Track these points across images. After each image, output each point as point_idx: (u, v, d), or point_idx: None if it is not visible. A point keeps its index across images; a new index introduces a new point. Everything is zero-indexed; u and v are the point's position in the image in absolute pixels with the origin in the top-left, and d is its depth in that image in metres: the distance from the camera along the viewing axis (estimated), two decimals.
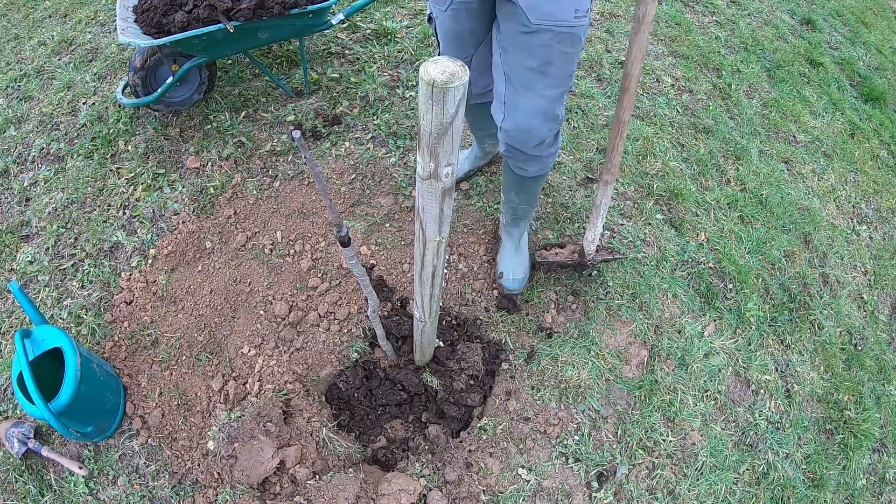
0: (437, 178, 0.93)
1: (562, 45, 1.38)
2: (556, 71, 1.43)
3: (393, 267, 2.11)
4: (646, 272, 2.16)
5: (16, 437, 1.68)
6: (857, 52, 3.64)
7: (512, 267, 2.03)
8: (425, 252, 1.16)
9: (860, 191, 2.78)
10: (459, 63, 0.79)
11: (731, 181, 2.59)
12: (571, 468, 1.74)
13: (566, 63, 1.44)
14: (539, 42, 1.37)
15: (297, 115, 2.53)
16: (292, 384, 1.83)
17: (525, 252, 2.06)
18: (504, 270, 2.02)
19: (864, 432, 1.99)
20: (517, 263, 2.03)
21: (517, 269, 2.02)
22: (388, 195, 2.29)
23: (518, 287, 2.01)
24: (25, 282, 2.06)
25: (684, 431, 1.85)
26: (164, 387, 1.83)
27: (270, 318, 1.96)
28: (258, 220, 2.21)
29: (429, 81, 0.76)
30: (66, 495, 1.67)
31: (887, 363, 2.23)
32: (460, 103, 0.80)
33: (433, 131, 0.83)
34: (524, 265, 2.04)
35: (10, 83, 2.71)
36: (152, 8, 2.13)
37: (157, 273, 2.07)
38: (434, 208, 1.01)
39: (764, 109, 2.99)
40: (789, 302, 2.25)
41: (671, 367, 1.96)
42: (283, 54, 2.78)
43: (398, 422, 1.87)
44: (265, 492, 1.63)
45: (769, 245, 2.38)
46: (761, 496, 1.79)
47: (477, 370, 1.87)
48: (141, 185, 2.29)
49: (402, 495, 1.56)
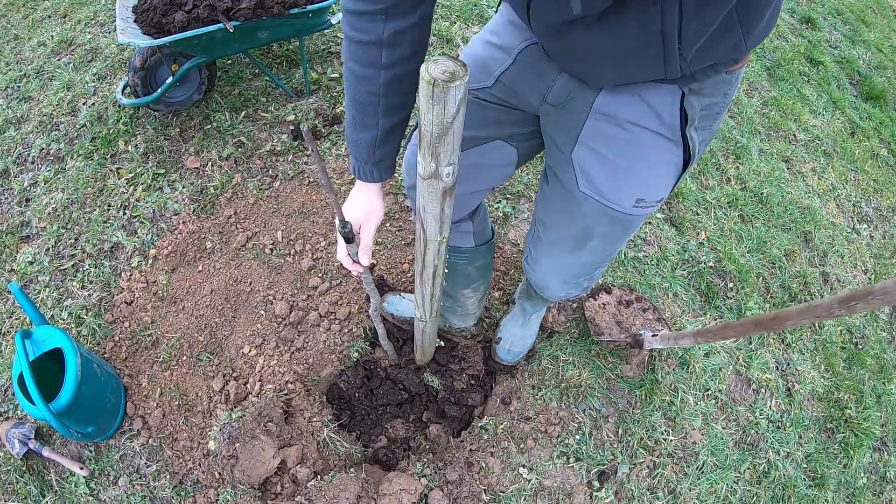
0: (439, 178, 0.92)
1: (609, 228, 1.12)
2: (595, 247, 1.19)
3: (393, 266, 2.11)
4: (646, 271, 2.16)
5: (17, 438, 1.68)
6: (857, 50, 3.64)
7: (512, 338, 1.85)
8: (426, 252, 1.15)
9: (860, 189, 2.78)
10: (460, 62, 0.78)
11: (732, 180, 2.59)
12: (572, 467, 1.74)
13: (608, 245, 1.19)
14: (582, 212, 1.11)
15: (297, 115, 2.53)
16: (293, 384, 1.83)
17: (533, 328, 1.87)
18: (503, 337, 1.86)
19: (864, 431, 1.99)
20: (520, 336, 1.85)
21: (517, 342, 1.85)
22: (388, 195, 2.29)
23: (512, 360, 1.85)
24: (26, 282, 2.06)
25: (685, 430, 1.85)
26: (164, 387, 1.83)
27: (271, 318, 1.96)
28: (258, 220, 2.21)
29: (429, 81, 0.75)
30: (67, 496, 1.67)
31: (888, 362, 2.23)
32: (461, 103, 0.79)
33: (434, 131, 0.82)
34: (527, 340, 1.87)
35: (10, 83, 2.71)
36: (152, 8, 2.13)
37: (157, 273, 2.07)
38: (435, 208, 1.00)
39: (764, 108, 2.99)
40: (790, 301, 2.25)
41: (672, 366, 1.96)
42: (283, 54, 2.78)
43: (399, 421, 1.87)
44: (266, 492, 1.63)
45: (769, 244, 2.38)
46: (762, 495, 1.79)
47: (477, 370, 1.87)
48: (141, 185, 2.29)
49: (404, 495, 1.56)
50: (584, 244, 1.19)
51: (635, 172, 1.01)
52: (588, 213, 1.10)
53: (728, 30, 0.80)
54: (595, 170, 1.03)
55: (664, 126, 0.95)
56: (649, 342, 1.76)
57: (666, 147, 0.98)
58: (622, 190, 1.03)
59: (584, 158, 1.03)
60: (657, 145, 0.97)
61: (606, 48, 0.83)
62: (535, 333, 1.89)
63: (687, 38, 0.78)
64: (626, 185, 1.02)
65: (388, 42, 0.88)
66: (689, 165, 1.01)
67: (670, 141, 0.97)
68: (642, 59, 0.83)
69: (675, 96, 0.92)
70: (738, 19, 0.79)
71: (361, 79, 0.92)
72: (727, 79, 0.92)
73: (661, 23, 0.76)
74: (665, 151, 0.98)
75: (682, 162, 1.00)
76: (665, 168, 1.01)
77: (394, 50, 0.89)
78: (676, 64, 0.82)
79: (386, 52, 0.88)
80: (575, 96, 0.99)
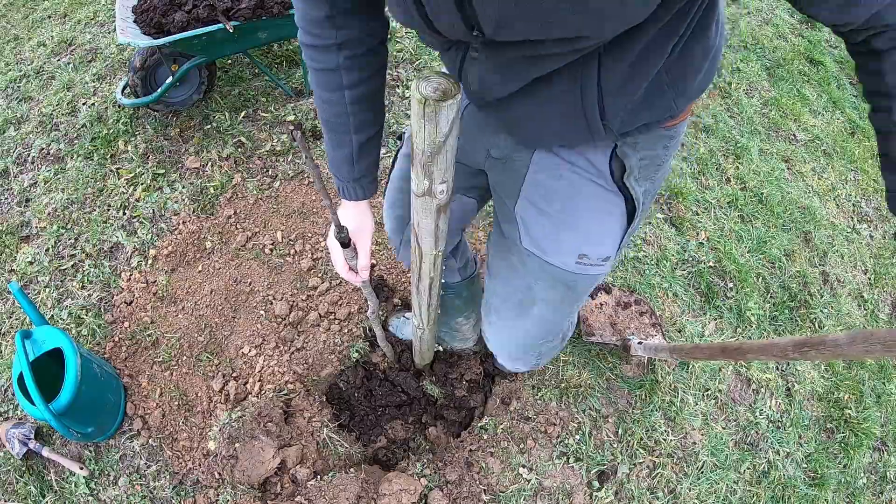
0: (433, 196, 0.90)
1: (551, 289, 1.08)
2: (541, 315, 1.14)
3: (393, 266, 2.11)
4: (646, 271, 2.16)
5: (17, 438, 1.68)
6: None
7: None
8: (422, 264, 1.14)
9: (860, 189, 2.78)
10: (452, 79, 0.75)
11: (732, 180, 2.59)
12: (572, 467, 1.74)
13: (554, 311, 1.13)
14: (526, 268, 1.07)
15: (297, 114, 2.53)
16: (293, 384, 1.83)
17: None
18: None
19: (864, 431, 1.99)
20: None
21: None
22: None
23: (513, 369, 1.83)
24: (25, 282, 2.06)
25: (685, 431, 1.85)
26: (164, 387, 1.83)
27: (271, 318, 1.96)
28: (258, 220, 2.21)
29: (420, 100, 0.73)
30: (67, 496, 1.67)
31: (888, 362, 2.22)
32: (454, 122, 0.76)
33: (426, 150, 0.80)
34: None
35: (10, 84, 2.71)
36: (152, 8, 2.13)
37: (157, 273, 2.07)
38: (429, 224, 0.98)
39: (764, 108, 2.99)
40: (790, 301, 2.25)
41: (672, 366, 1.96)
42: (283, 54, 2.78)
43: (398, 422, 1.87)
44: (266, 492, 1.63)
45: (769, 244, 2.38)
46: (762, 495, 1.79)
47: (476, 372, 1.87)
48: (141, 186, 2.29)
49: (403, 495, 1.56)
50: (528, 309, 1.15)
51: (575, 224, 0.97)
52: (530, 270, 1.07)
53: (657, 94, 0.78)
54: (536, 225, 1.01)
55: (599, 175, 0.94)
56: (635, 349, 1.79)
57: (605, 197, 0.95)
58: (562, 243, 0.99)
59: (526, 212, 1.02)
60: (596, 195, 0.95)
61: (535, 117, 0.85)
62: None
63: (610, 110, 0.78)
64: (566, 239, 0.99)
65: (345, 66, 0.90)
66: (636, 217, 0.97)
67: (606, 190, 0.95)
68: (568, 127, 0.84)
69: (607, 149, 0.91)
70: (669, 81, 0.77)
71: (328, 101, 0.94)
72: (666, 134, 0.90)
73: (582, 98, 0.77)
74: (605, 202, 0.96)
75: (625, 212, 0.97)
76: (607, 219, 0.97)
77: (352, 73, 0.91)
78: (601, 131, 0.83)
79: (345, 76, 0.90)
80: (515, 152, 1.00)
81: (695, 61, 0.77)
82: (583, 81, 0.75)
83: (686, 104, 0.84)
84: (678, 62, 0.75)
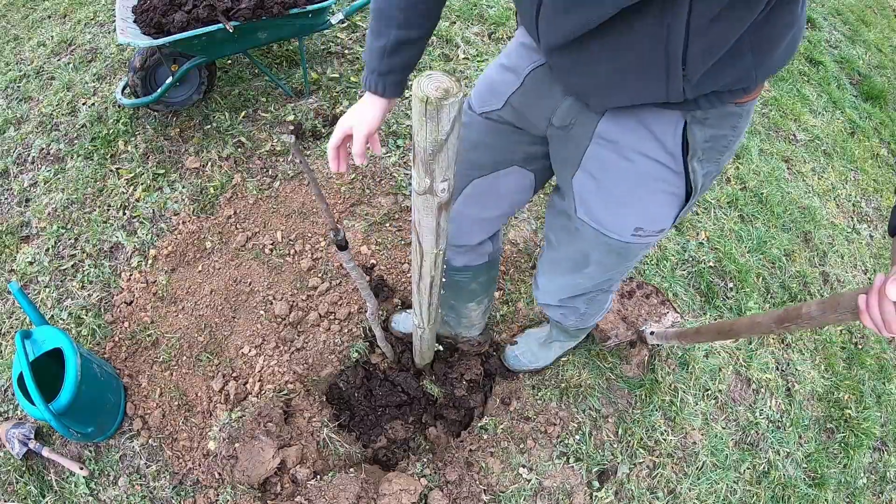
0: (434, 194, 0.90)
1: (605, 255, 1.12)
2: (592, 273, 1.20)
3: (393, 266, 2.11)
4: (646, 271, 2.16)
5: (17, 438, 1.68)
6: (857, 50, 3.64)
7: (527, 349, 1.87)
8: (422, 263, 1.14)
9: (860, 189, 2.78)
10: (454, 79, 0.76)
11: (732, 180, 2.59)
12: (572, 467, 1.74)
13: (605, 271, 1.19)
14: (581, 236, 1.11)
15: (297, 115, 2.53)
16: (293, 384, 1.83)
17: (551, 353, 1.86)
18: (519, 343, 1.89)
19: (864, 431, 1.99)
20: (534, 352, 1.86)
21: (529, 355, 1.86)
22: (388, 195, 2.29)
23: (515, 366, 1.88)
24: (25, 282, 2.06)
25: (685, 431, 1.85)
26: (164, 387, 1.83)
27: (271, 318, 1.96)
28: (258, 220, 2.21)
29: (422, 98, 0.73)
30: (67, 496, 1.67)
31: (888, 362, 2.23)
32: (456, 121, 0.76)
33: (427, 148, 0.80)
34: (538, 360, 1.87)
35: (10, 84, 2.71)
36: (152, 8, 2.13)
37: (157, 273, 2.07)
38: (430, 222, 0.98)
39: (764, 108, 2.99)
40: (790, 301, 2.25)
41: (672, 366, 1.96)
42: (283, 54, 2.78)
43: (398, 422, 1.87)
44: (266, 492, 1.63)
45: (769, 244, 2.38)
46: (762, 495, 1.79)
47: (476, 373, 1.87)
48: (141, 186, 2.29)
49: (403, 495, 1.56)
50: (581, 268, 1.19)
51: (634, 201, 0.99)
52: (586, 238, 1.10)
53: (738, 55, 0.77)
54: (593, 197, 1.03)
55: (666, 154, 0.93)
56: (649, 339, 1.80)
57: (666, 177, 0.95)
58: (620, 218, 1.02)
59: (584, 185, 1.03)
60: (657, 174, 0.95)
61: (609, 64, 0.82)
62: (549, 359, 1.87)
63: (692, 58, 0.76)
64: (624, 214, 1.01)
65: None
66: (692, 198, 0.98)
67: (671, 171, 0.94)
68: (644, 77, 0.81)
69: (678, 124, 0.90)
70: (751, 44, 0.76)
71: None
72: (736, 111, 0.88)
73: (667, 40, 0.74)
74: (665, 182, 0.96)
75: (683, 194, 0.98)
76: (665, 198, 0.98)
77: None
78: (679, 86, 0.80)
79: None
80: (578, 120, 0.98)
81: (778, 29, 0.75)
82: (671, 19, 0.71)
83: (764, 76, 0.81)
84: (763, 25, 0.73)
